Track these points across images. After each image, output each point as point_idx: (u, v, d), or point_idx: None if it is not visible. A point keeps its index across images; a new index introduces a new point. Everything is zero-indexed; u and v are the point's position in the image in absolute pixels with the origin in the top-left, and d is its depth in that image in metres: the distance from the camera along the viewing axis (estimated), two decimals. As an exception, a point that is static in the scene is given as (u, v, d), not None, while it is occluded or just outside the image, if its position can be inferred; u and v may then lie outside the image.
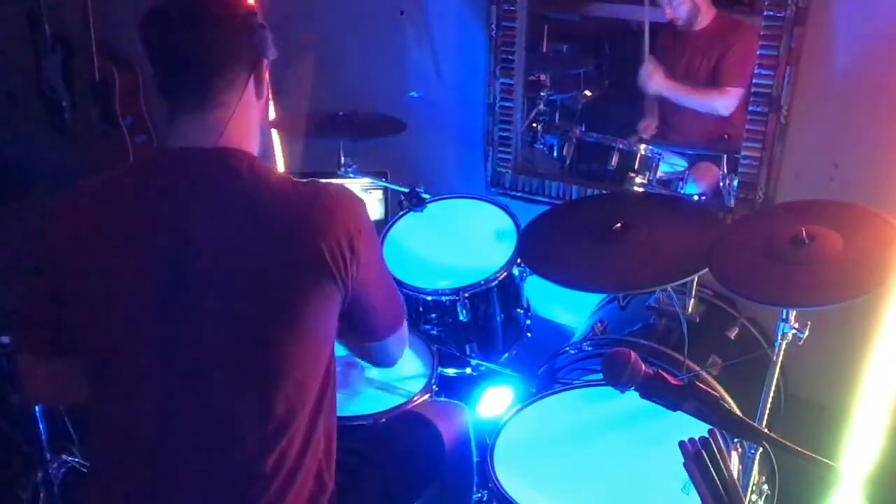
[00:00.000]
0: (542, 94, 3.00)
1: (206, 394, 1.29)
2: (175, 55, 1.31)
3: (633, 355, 1.27)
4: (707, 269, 1.82)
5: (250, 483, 1.31)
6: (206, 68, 1.31)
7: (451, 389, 2.25)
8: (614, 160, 2.53)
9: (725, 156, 2.56)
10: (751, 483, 1.84)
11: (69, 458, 2.27)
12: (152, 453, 1.32)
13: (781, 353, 1.73)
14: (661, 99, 2.83)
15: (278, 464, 1.32)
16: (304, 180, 1.37)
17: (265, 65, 1.39)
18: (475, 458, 1.86)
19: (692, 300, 2.21)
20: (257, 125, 1.42)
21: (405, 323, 1.57)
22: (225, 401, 1.29)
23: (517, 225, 2.37)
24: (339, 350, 1.48)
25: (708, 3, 2.69)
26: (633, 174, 2.36)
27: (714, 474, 1.15)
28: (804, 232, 1.70)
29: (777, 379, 1.76)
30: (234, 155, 1.32)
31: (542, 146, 2.99)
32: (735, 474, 1.47)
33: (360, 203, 1.38)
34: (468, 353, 2.36)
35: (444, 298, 2.28)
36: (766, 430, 1.28)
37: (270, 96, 1.47)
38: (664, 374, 1.26)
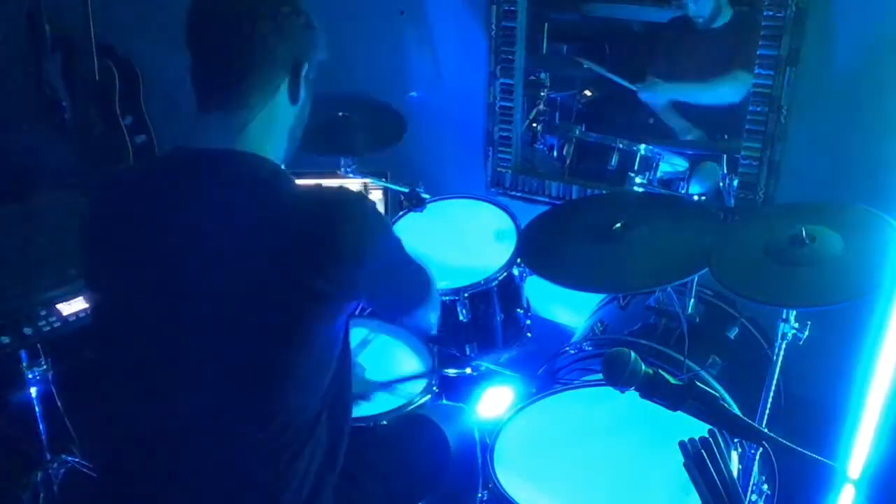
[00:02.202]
0: (542, 93, 3.00)
1: (207, 394, 1.29)
2: (206, 50, 1.29)
3: (633, 355, 1.27)
4: (707, 269, 1.82)
5: (251, 483, 1.32)
6: (235, 68, 1.28)
7: (452, 389, 2.25)
8: (614, 160, 2.53)
9: (725, 156, 2.56)
10: (751, 483, 1.84)
11: (69, 458, 2.28)
12: (153, 452, 1.32)
13: (781, 353, 1.73)
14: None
15: (278, 465, 1.32)
16: (321, 186, 1.34)
17: (306, 69, 1.35)
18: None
19: (692, 300, 2.21)
20: (286, 130, 1.38)
21: (431, 292, 1.58)
22: (225, 401, 1.29)
23: (517, 225, 2.37)
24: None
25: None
26: (633, 174, 2.36)
27: (714, 474, 1.15)
28: (804, 232, 1.71)
29: (777, 379, 1.77)
30: (245, 159, 1.30)
31: (542, 146, 2.99)
32: (735, 474, 1.47)
33: (374, 217, 1.34)
34: (468, 353, 2.36)
35: (444, 298, 2.27)
36: (766, 430, 1.28)
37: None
38: (664, 374, 1.26)
